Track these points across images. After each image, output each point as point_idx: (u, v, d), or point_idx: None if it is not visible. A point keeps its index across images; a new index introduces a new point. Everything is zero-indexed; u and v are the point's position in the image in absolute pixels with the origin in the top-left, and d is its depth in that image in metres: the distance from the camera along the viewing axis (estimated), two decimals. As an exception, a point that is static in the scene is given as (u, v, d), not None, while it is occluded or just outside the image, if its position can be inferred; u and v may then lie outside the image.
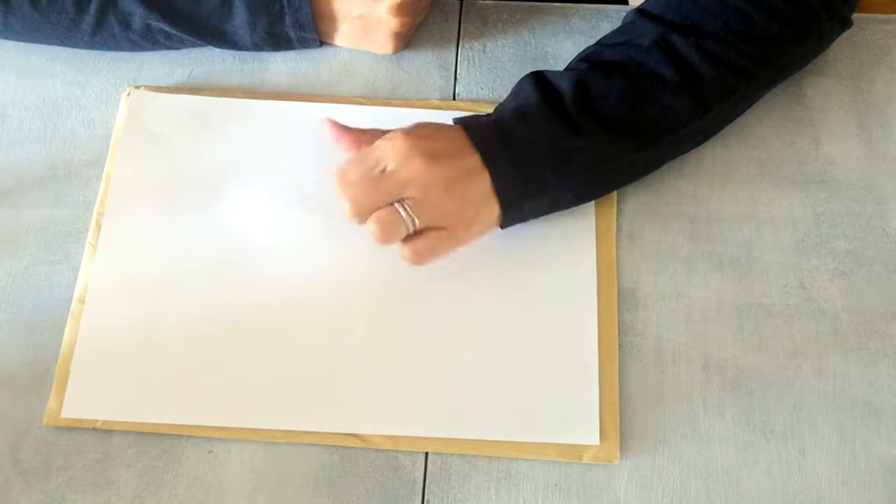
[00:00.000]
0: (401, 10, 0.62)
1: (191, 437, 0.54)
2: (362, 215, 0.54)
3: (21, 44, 0.67)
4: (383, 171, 0.53)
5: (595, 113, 0.56)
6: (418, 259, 0.55)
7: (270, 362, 0.55)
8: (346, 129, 0.58)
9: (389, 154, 0.53)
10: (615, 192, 0.61)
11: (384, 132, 0.56)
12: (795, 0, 0.59)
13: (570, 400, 0.54)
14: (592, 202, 0.60)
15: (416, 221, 0.53)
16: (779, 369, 0.56)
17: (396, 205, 0.53)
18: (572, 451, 0.53)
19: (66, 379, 0.55)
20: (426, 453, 0.54)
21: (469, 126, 0.56)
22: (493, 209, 0.55)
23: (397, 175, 0.53)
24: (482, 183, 0.54)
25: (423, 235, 0.54)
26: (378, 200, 0.53)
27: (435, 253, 0.55)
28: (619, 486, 0.53)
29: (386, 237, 0.54)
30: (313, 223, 0.60)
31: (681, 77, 0.57)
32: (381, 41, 0.65)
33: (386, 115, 0.64)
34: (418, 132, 0.54)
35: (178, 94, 0.65)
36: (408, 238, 0.54)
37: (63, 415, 0.54)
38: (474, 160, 0.54)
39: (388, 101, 0.65)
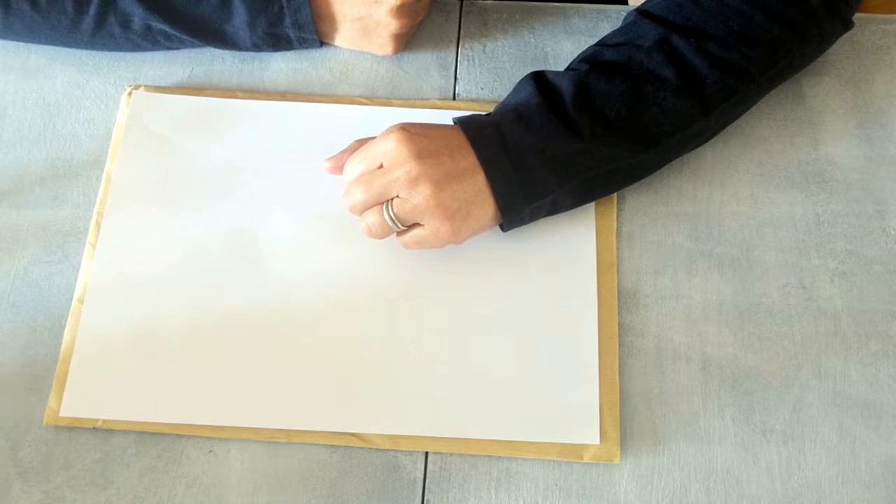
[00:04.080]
0: (400, 12, 0.62)
1: (191, 437, 0.54)
2: (357, 212, 0.56)
3: (21, 44, 0.67)
4: (380, 167, 0.55)
5: (596, 114, 0.56)
6: (407, 248, 0.57)
7: (270, 362, 0.55)
8: (339, 156, 0.59)
9: (382, 150, 0.55)
10: (615, 192, 0.61)
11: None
12: (797, 1, 0.59)
13: (570, 399, 0.54)
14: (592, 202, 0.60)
15: (399, 223, 0.55)
16: (779, 369, 0.56)
17: (384, 205, 0.55)
18: (572, 451, 0.53)
19: (65, 378, 0.55)
20: (426, 453, 0.54)
21: (467, 126, 0.56)
22: (488, 209, 0.55)
23: (388, 173, 0.54)
24: (476, 183, 0.54)
25: (413, 228, 0.56)
26: (370, 199, 0.55)
27: (421, 246, 0.56)
28: (619, 485, 0.53)
29: (373, 236, 0.56)
30: (312, 223, 0.60)
31: (682, 79, 0.57)
32: (381, 42, 0.65)
33: (386, 115, 0.64)
34: (413, 129, 0.55)
35: (178, 94, 0.65)
36: (402, 231, 0.56)
37: (63, 414, 0.54)
38: (470, 160, 0.54)
39: (388, 101, 0.65)
